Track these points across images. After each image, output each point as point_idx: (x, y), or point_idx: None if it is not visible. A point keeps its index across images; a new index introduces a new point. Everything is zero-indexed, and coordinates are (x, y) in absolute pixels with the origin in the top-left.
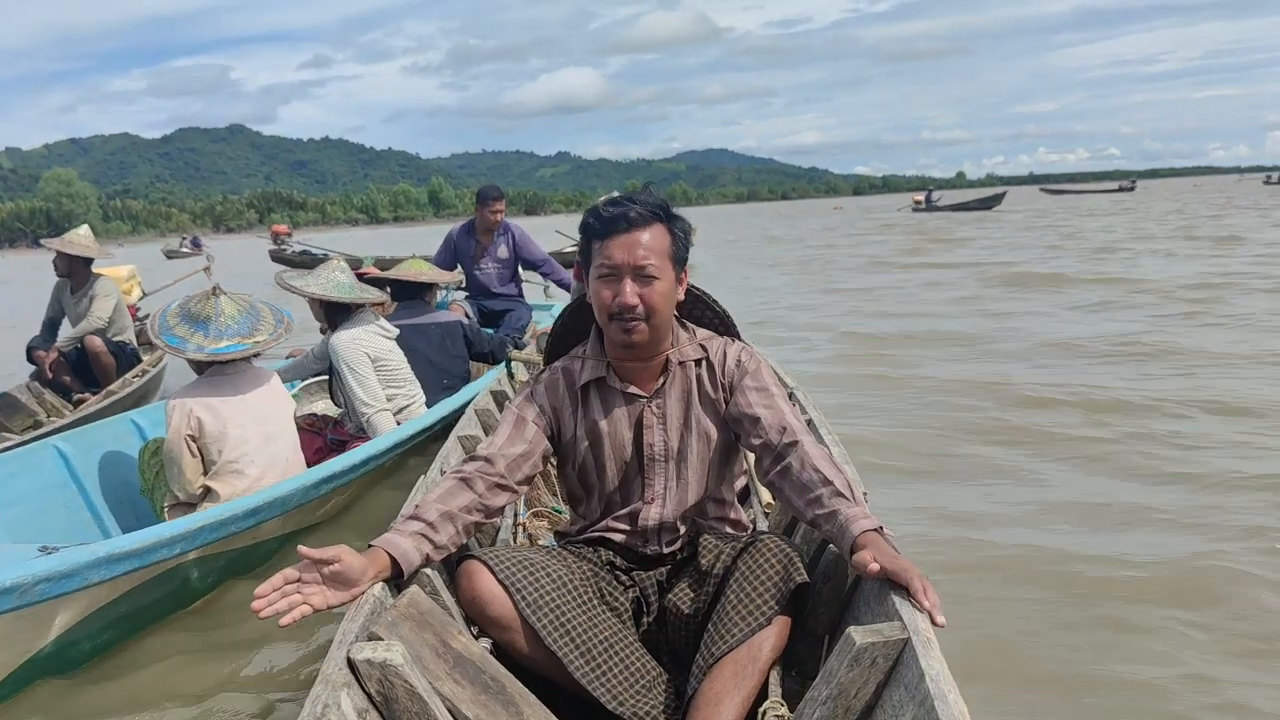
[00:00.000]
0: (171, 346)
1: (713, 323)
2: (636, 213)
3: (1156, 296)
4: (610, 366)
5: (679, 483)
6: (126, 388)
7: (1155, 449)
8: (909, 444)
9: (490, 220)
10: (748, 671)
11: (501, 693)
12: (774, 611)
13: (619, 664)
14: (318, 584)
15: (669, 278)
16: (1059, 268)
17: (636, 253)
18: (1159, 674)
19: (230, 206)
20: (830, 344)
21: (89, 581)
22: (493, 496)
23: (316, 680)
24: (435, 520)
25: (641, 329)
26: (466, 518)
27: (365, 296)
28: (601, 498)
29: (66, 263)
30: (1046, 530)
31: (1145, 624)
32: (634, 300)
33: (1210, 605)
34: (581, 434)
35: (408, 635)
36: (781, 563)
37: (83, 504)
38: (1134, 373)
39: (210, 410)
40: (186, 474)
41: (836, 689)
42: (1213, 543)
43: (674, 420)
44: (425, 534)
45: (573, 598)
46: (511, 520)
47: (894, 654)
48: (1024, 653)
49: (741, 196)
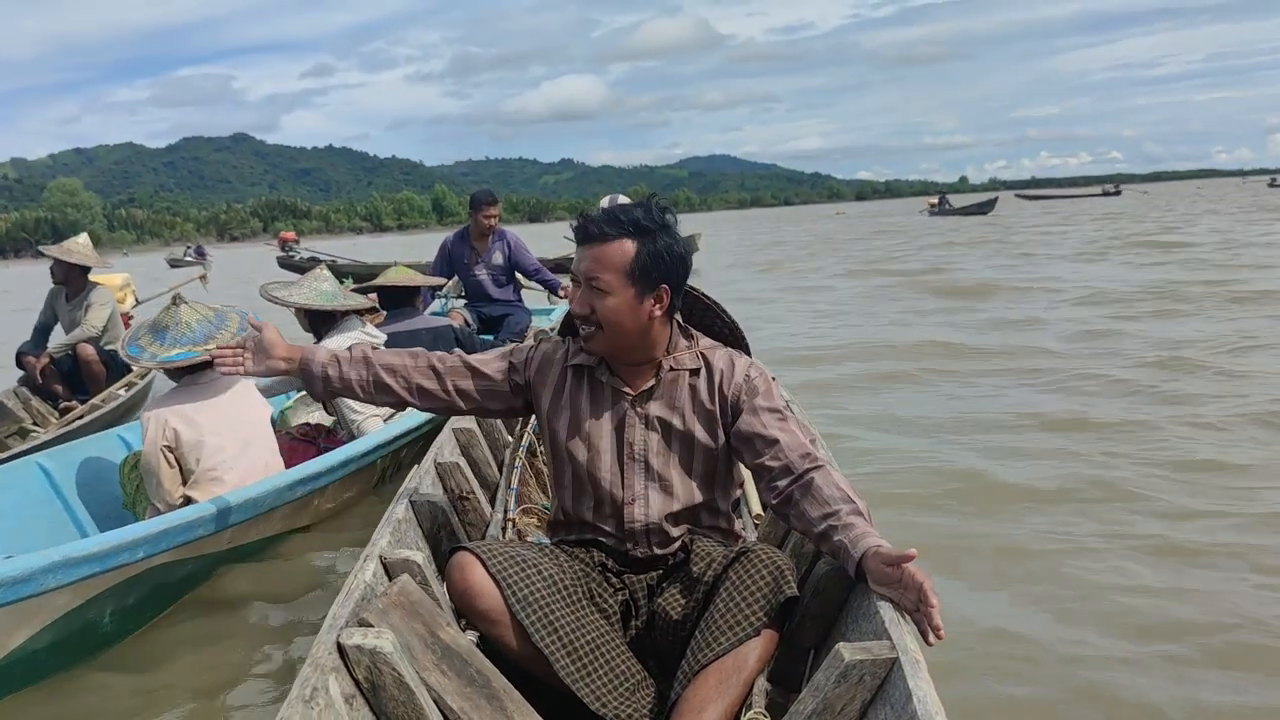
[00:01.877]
0: (131, 356)
1: (721, 332)
2: (598, 227)
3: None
4: (603, 360)
5: (660, 485)
6: (112, 401)
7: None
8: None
9: (484, 225)
10: (732, 681)
11: (487, 686)
12: (762, 623)
13: (605, 665)
14: (252, 353)
15: (624, 294)
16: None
17: (589, 264)
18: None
19: (234, 215)
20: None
21: (45, 587)
22: (419, 376)
23: (305, 662)
24: (355, 356)
25: (596, 336)
26: (381, 372)
27: (348, 304)
28: (581, 490)
29: (64, 270)
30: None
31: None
32: (583, 308)
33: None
34: (564, 414)
35: (397, 623)
36: (772, 574)
37: (67, 520)
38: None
39: (185, 420)
40: (165, 485)
41: (822, 704)
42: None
43: (657, 424)
44: (339, 357)
45: (562, 596)
46: (501, 515)
47: (882, 673)
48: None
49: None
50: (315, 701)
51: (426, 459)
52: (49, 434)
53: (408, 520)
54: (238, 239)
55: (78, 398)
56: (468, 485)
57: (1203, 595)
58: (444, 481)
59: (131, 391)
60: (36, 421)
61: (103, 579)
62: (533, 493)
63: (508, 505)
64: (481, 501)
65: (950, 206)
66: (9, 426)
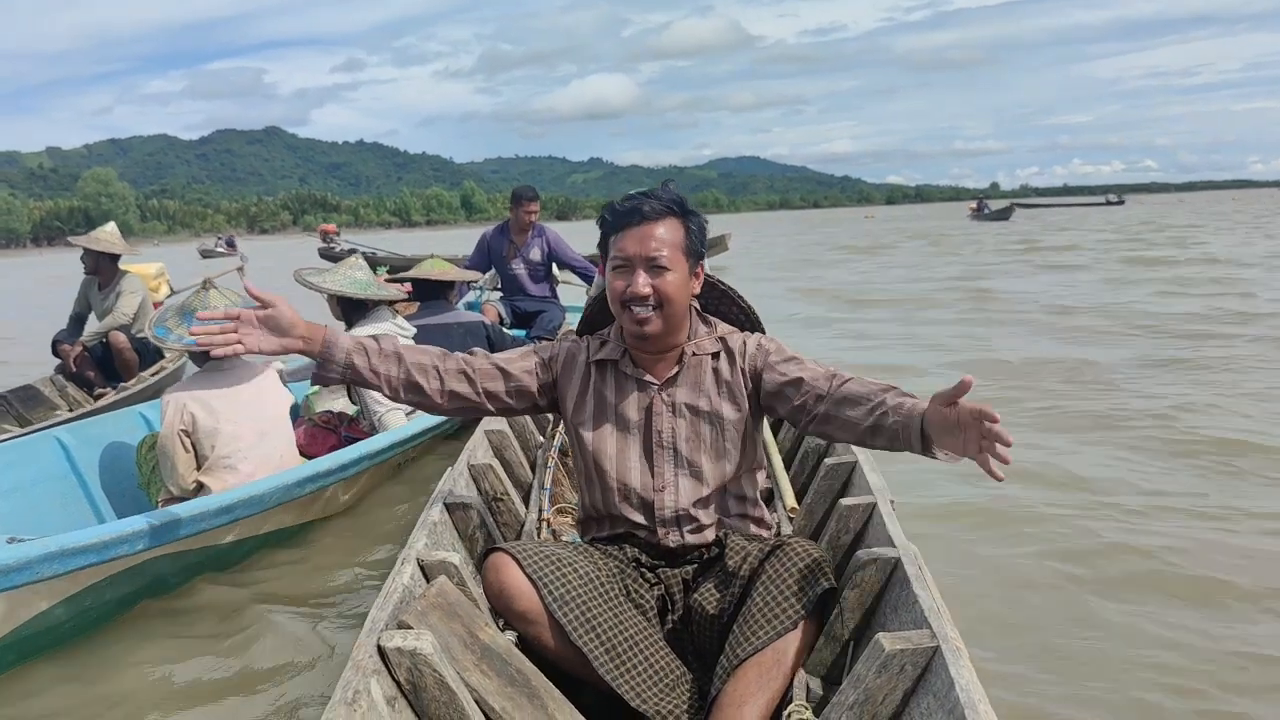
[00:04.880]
0: (157, 337)
1: (737, 318)
2: (650, 206)
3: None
4: (626, 353)
5: (690, 470)
6: (140, 384)
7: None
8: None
9: (524, 220)
10: (772, 674)
11: (527, 685)
12: (800, 615)
13: (643, 661)
14: (253, 326)
15: (682, 270)
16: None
17: (649, 244)
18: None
19: (265, 208)
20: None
21: (40, 575)
22: (452, 379)
23: (347, 666)
24: (386, 349)
25: (654, 319)
26: (412, 370)
27: (380, 294)
28: (611, 483)
29: (94, 259)
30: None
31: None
32: (645, 290)
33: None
34: (589, 409)
35: (436, 625)
36: (809, 566)
37: (82, 496)
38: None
39: (204, 405)
40: (179, 469)
41: (863, 694)
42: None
43: (683, 410)
44: (367, 347)
45: (599, 594)
46: (536, 515)
47: (923, 662)
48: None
49: (773, 205)
50: (358, 704)
51: (460, 461)
52: (74, 414)
53: (443, 522)
54: (267, 231)
55: (111, 384)
56: (501, 486)
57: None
58: (478, 483)
59: (159, 376)
60: (71, 408)
61: (102, 568)
62: (566, 492)
63: (542, 505)
64: (516, 502)
65: (989, 210)
66: (45, 412)
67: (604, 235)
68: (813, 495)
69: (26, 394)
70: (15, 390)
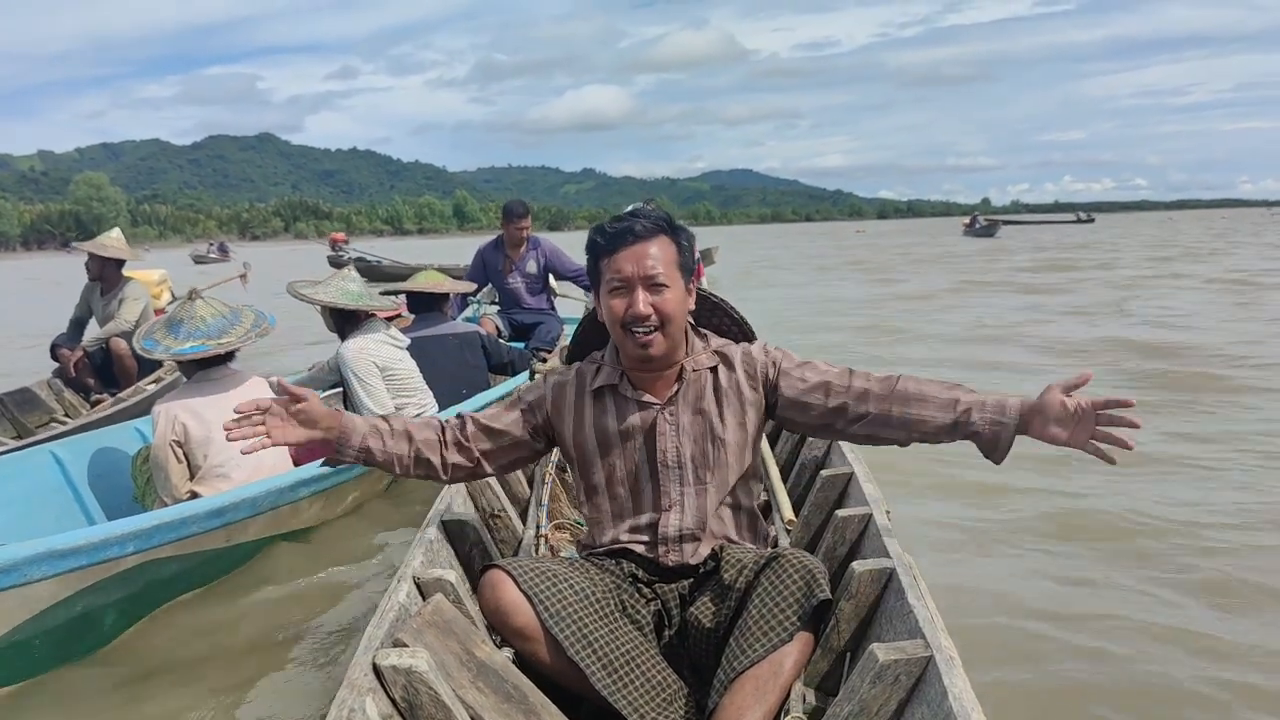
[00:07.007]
0: (145, 349)
1: (730, 330)
2: (642, 225)
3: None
4: (624, 375)
5: (696, 488)
6: (138, 395)
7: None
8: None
9: (516, 236)
10: (769, 687)
11: (524, 702)
12: (796, 627)
13: (640, 676)
14: (281, 420)
15: (679, 286)
16: None
17: (645, 263)
18: None
19: (256, 214)
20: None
21: (29, 578)
22: (451, 452)
23: (342, 684)
24: (396, 429)
25: (657, 339)
26: (420, 448)
27: (373, 305)
28: (615, 506)
29: (99, 265)
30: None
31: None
32: (646, 310)
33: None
34: (592, 438)
35: (432, 643)
36: (804, 578)
37: (77, 510)
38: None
39: (195, 415)
40: (172, 479)
41: (859, 706)
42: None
43: (688, 427)
44: (380, 429)
45: (595, 609)
46: (534, 532)
47: (917, 671)
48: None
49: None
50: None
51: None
52: (69, 426)
53: (440, 540)
54: (259, 237)
55: (109, 391)
56: (499, 503)
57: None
58: (475, 500)
59: (159, 386)
60: (68, 413)
61: (91, 572)
62: (564, 508)
63: (540, 521)
64: (513, 518)
65: (981, 225)
66: (41, 417)
67: (594, 258)
68: (809, 506)
69: (22, 398)
70: (11, 394)
